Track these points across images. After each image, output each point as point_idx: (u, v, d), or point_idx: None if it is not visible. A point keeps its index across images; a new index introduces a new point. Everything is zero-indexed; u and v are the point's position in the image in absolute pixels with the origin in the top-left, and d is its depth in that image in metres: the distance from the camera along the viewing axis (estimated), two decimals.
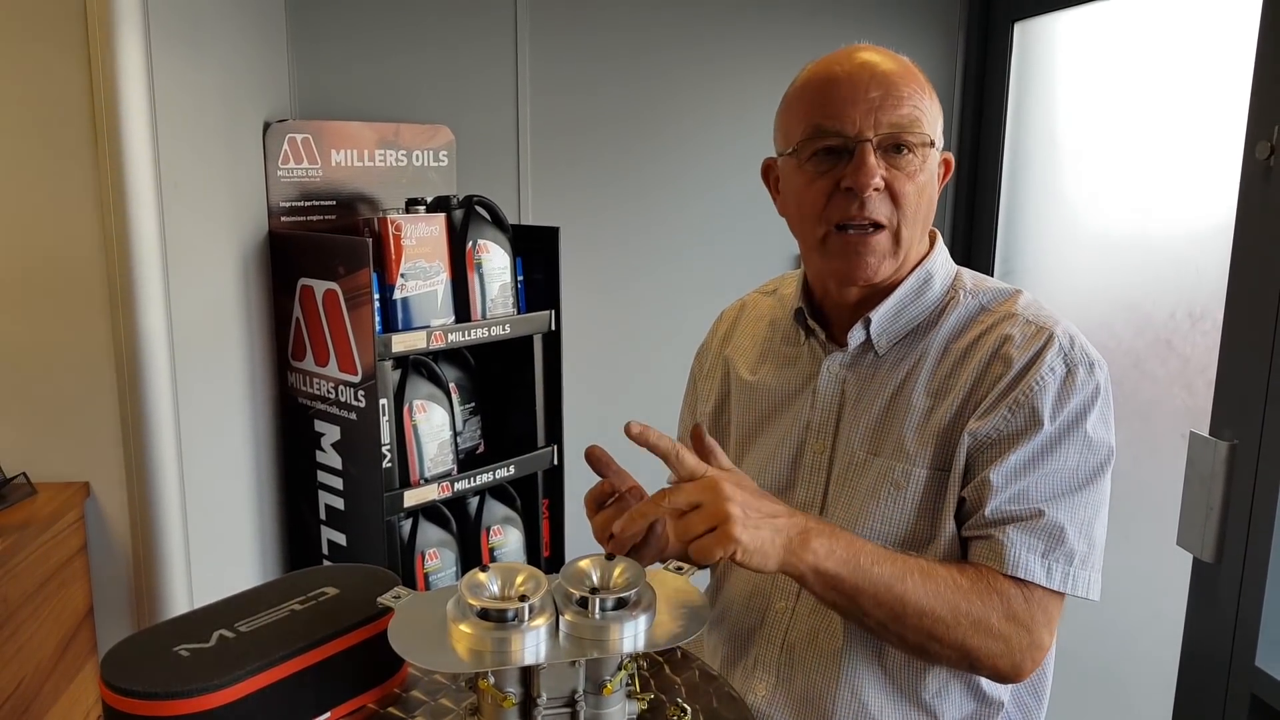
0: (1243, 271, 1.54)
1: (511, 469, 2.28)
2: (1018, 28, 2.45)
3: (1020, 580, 1.02)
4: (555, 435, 2.35)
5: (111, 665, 0.87)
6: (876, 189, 1.05)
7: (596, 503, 1.09)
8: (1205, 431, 1.59)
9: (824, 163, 1.07)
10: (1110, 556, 1.09)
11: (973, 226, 2.58)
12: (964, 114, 2.58)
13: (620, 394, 2.63)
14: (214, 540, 1.81)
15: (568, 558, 2.00)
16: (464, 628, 0.84)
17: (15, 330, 1.51)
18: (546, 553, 2.42)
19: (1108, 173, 2.19)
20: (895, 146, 1.05)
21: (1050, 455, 1.04)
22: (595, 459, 1.09)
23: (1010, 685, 1.14)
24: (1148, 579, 1.91)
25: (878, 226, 1.07)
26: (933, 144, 1.08)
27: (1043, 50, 2.41)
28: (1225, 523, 1.54)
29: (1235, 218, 1.56)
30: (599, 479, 1.10)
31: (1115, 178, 2.16)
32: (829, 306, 1.19)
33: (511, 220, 2.28)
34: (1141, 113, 2.07)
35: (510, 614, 0.84)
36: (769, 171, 1.20)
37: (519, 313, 2.25)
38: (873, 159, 1.04)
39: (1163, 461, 1.88)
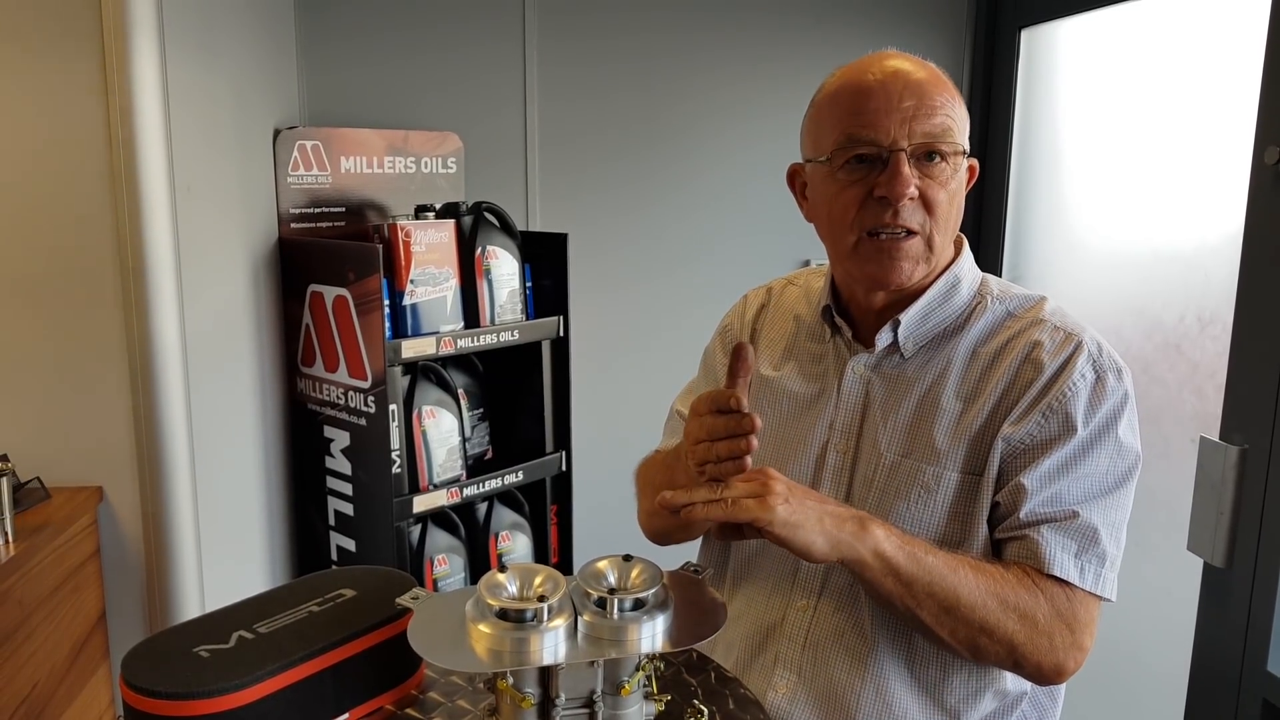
0: (1252, 275, 1.55)
1: (520, 475, 2.28)
2: (1024, 34, 2.46)
3: (1060, 580, 1.04)
4: (563, 441, 2.36)
5: (132, 665, 0.87)
6: (911, 198, 1.05)
7: (715, 406, 0.98)
8: (1215, 436, 1.59)
9: (856, 171, 1.07)
10: (1122, 561, 1.09)
11: (981, 232, 2.59)
12: (971, 121, 2.58)
13: (628, 400, 2.63)
14: (225, 545, 1.81)
15: (576, 563, 2.00)
16: (483, 628, 0.84)
17: (29, 335, 1.52)
18: (555, 559, 2.42)
19: (1116, 178, 2.19)
20: (928, 155, 1.06)
21: (1083, 460, 1.06)
22: (742, 358, 0.99)
23: (1028, 687, 1.14)
24: (1159, 584, 1.91)
25: (910, 233, 1.07)
26: (964, 152, 1.09)
27: (1049, 57, 2.42)
28: (1236, 527, 1.54)
29: (1244, 222, 1.56)
30: (727, 382, 1.00)
31: (1123, 183, 2.16)
32: (855, 309, 1.20)
33: (520, 226, 2.29)
34: (1149, 118, 2.08)
35: (529, 614, 0.84)
36: (795, 177, 1.20)
37: (527, 319, 2.25)
38: (907, 168, 1.05)
39: (1173, 466, 1.88)
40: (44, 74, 1.47)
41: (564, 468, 2.37)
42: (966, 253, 1.18)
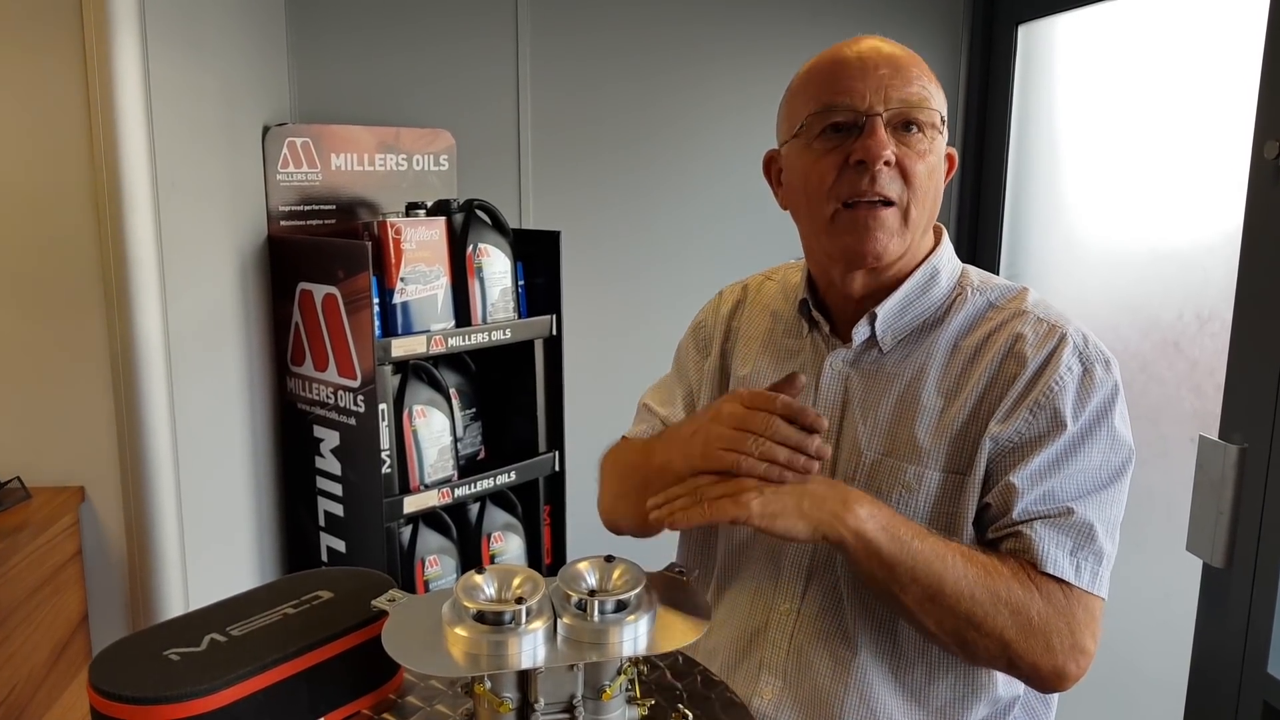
0: (1251, 272, 1.53)
1: (512, 475, 2.26)
2: (1021, 30, 2.44)
3: (1056, 578, 1.00)
4: (557, 441, 2.33)
5: (100, 669, 0.85)
6: (887, 163, 1.03)
7: (790, 414, 0.97)
8: (1215, 435, 1.56)
9: (833, 139, 1.05)
10: (1120, 561, 1.07)
11: (978, 229, 2.57)
12: (968, 117, 2.57)
13: (622, 399, 2.59)
14: (211, 547, 1.79)
15: None
16: (460, 631, 0.82)
17: (11, 333, 1.50)
18: (548, 559, 2.40)
19: (1113, 175, 2.17)
20: (905, 124, 1.04)
21: (1075, 455, 1.03)
22: (794, 386, 1.01)
23: (1020, 691, 1.12)
24: (1158, 584, 1.89)
25: (887, 203, 1.05)
26: (943, 123, 1.07)
27: (1047, 52, 2.40)
28: (1235, 527, 1.52)
29: (1244, 218, 1.54)
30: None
31: (1121, 180, 2.14)
32: (832, 300, 1.17)
33: (512, 224, 2.27)
34: (1147, 113, 2.06)
35: (507, 617, 0.82)
36: (770, 165, 1.18)
37: (520, 317, 2.23)
38: (883, 132, 1.03)
39: (1172, 465, 1.86)
40: (23, 69, 1.44)
41: (557, 468, 2.35)
42: (946, 243, 1.16)
